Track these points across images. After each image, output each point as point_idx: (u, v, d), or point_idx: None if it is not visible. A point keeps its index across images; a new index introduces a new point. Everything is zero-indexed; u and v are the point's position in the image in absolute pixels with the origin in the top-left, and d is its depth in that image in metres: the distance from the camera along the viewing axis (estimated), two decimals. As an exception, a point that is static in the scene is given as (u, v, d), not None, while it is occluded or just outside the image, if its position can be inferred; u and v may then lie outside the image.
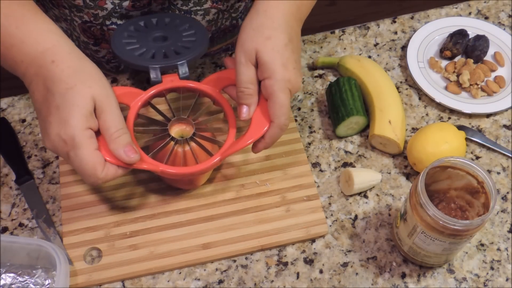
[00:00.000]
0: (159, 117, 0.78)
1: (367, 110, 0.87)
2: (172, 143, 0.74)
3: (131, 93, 0.75)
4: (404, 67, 0.95)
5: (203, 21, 0.91)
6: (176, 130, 0.76)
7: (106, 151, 0.66)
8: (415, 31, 0.97)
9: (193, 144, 0.75)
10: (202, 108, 0.81)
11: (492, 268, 0.77)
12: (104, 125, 0.65)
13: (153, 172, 0.72)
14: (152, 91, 0.76)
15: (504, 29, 0.99)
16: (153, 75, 0.77)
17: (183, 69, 0.78)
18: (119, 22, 0.85)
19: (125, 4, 0.79)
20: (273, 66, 0.69)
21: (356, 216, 0.80)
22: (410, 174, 0.84)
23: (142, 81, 0.91)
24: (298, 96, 0.91)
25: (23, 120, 0.87)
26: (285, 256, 0.77)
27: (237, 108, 0.72)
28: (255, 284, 0.75)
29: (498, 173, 0.84)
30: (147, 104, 0.77)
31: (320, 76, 0.94)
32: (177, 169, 0.72)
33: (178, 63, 0.77)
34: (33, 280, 0.73)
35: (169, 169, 0.71)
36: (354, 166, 0.85)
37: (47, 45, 0.65)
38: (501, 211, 0.81)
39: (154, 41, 0.82)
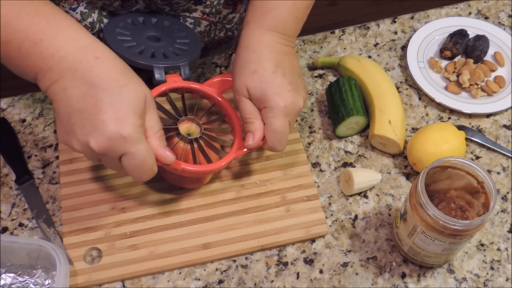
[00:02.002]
0: (165, 116, 0.79)
1: (367, 110, 0.87)
2: (182, 142, 0.75)
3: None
4: (404, 67, 0.95)
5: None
6: (183, 127, 0.76)
7: None
8: (415, 31, 0.97)
9: (202, 142, 0.76)
10: (206, 108, 0.82)
11: (492, 268, 0.77)
12: (148, 123, 0.65)
13: (167, 171, 0.73)
14: (159, 90, 0.76)
15: (504, 29, 0.99)
16: (157, 74, 0.76)
17: (186, 70, 0.78)
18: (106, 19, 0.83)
19: (115, 4, 0.78)
20: (265, 97, 0.72)
21: (356, 216, 0.80)
22: (410, 174, 0.84)
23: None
24: (298, 96, 0.91)
25: (23, 120, 0.87)
26: (285, 256, 0.77)
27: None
28: (255, 284, 0.75)
29: (498, 173, 0.84)
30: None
31: (320, 76, 0.94)
32: (198, 167, 0.73)
33: (181, 63, 0.78)
34: (33, 280, 0.73)
35: (191, 167, 0.72)
36: (354, 166, 0.85)
37: (85, 42, 0.63)
38: (501, 211, 0.81)
39: (148, 40, 0.81)
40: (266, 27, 0.74)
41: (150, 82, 0.75)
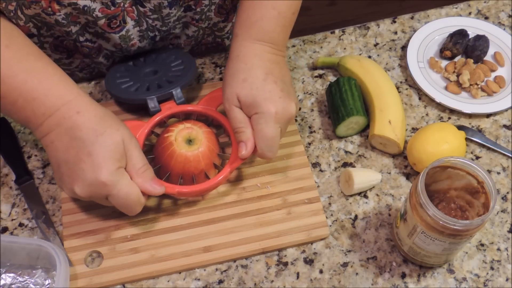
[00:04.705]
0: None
1: (367, 110, 0.87)
2: (183, 148, 0.76)
3: (135, 126, 0.79)
4: (404, 67, 0.95)
5: (183, 36, 0.91)
6: (184, 133, 0.77)
7: None
8: (415, 31, 0.97)
9: (204, 146, 0.77)
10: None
11: (492, 268, 0.77)
12: (130, 162, 0.69)
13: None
14: (154, 120, 0.80)
15: (504, 29, 0.99)
16: (151, 105, 0.81)
17: (178, 95, 0.82)
18: (94, 39, 0.83)
19: (101, 22, 0.78)
20: (256, 104, 0.72)
21: (356, 216, 0.80)
22: (410, 174, 0.84)
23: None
24: (298, 96, 0.91)
25: (23, 120, 0.87)
26: (285, 256, 0.77)
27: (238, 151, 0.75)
28: (255, 284, 0.75)
29: (498, 173, 0.84)
30: (150, 134, 0.81)
31: (320, 76, 0.94)
32: (194, 187, 0.75)
33: (173, 90, 0.82)
34: (33, 280, 0.73)
35: (186, 189, 0.75)
36: (354, 166, 0.85)
37: (70, 98, 0.68)
38: (501, 211, 0.81)
39: (145, 76, 0.86)
40: (254, 38, 0.76)
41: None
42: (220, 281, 0.75)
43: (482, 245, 0.78)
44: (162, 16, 0.80)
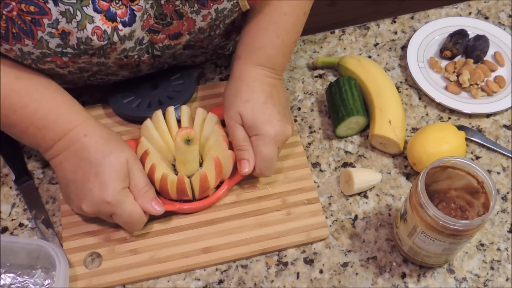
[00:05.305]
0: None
1: (367, 110, 0.87)
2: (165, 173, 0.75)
3: (136, 144, 0.79)
4: (404, 67, 0.95)
5: (189, 61, 0.90)
6: (182, 133, 0.75)
7: None
8: (415, 31, 0.97)
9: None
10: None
11: (492, 268, 0.77)
12: (132, 182, 0.72)
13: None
14: None
15: (504, 29, 0.99)
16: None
17: (178, 112, 0.83)
18: (104, 77, 0.83)
19: (113, 69, 0.79)
20: (256, 126, 0.76)
21: (356, 216, 0.80)
22: (410, 174, 0.84)
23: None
24: (298, 96, 0.91)
25: (23, 120, 0.87)
26: (285, 256, 0.77)
27: (237, 164, 0.78)
28: (255, 284, 0.75)
29: (498, 173, 0.84)
30: None
31: (320, 76, 0.94)
32: (193, 204, 0.77)
33: (176, 106, 0.84)
34: (32, 280, 0.73)
35: (186, 205, 0.77)
36: (354, 166, 0.85)
37: (78, 122, 0.72)
38: (501, 211, 0.81)
39: (146, 90, 0.87)
40: (255, 63, 0.79)
41: None
42: (220, 281, 0.75)
43: (482, 245, 0.78)
44: (175, 55, 0.83)
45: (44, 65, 0.70)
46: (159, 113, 0.81)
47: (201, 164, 0.79)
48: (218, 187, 0.79)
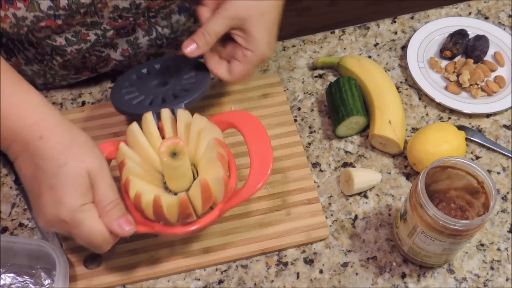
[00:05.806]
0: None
1: (367, 110, 0.87)
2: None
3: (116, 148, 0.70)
4: (404, 67, 0.95)
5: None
6: (167, 144, 0.64)
7: None
8: (415, 31, 0.97)
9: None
10: None
11: (492, 268, 0.77)
12: (97, 197, 0.62)
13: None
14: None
15: (504, 29, 0.99)
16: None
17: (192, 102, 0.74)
18: (102, 49, 0.81)
19: (109, 33, 0.77)
20: (259, 43, 0.73)
21: (356, 216, 0.80)
22: (410, 174, 0.84)
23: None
24: (298, 96, 0.91)
25: (23, 120, 0.87)
26: (285, 256, 0.77)
27: (184, 41, 0.73)
28: (255, 284, 0.75)
29: (498, 173, 0.84)
30: None
31: (320, 76, 0.94)
32: (175, 229, 0.67)
33: (174, 107, 0.72)
34: (33, 280, 0.73)
35: (168, 229, 0.66)
36: (354, 166, 0.85)
37: (33, 119, 0.61)
38: (501, 211, 0.81)
39: (155, 87, 0.79)
40: None
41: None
42: (220, 281, 0.75)
43: (482, 245, 0.78)
44: (171, 23, 0.80)
45: (40, 32, 0.67)
46: (148, 115, 0.70)
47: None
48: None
